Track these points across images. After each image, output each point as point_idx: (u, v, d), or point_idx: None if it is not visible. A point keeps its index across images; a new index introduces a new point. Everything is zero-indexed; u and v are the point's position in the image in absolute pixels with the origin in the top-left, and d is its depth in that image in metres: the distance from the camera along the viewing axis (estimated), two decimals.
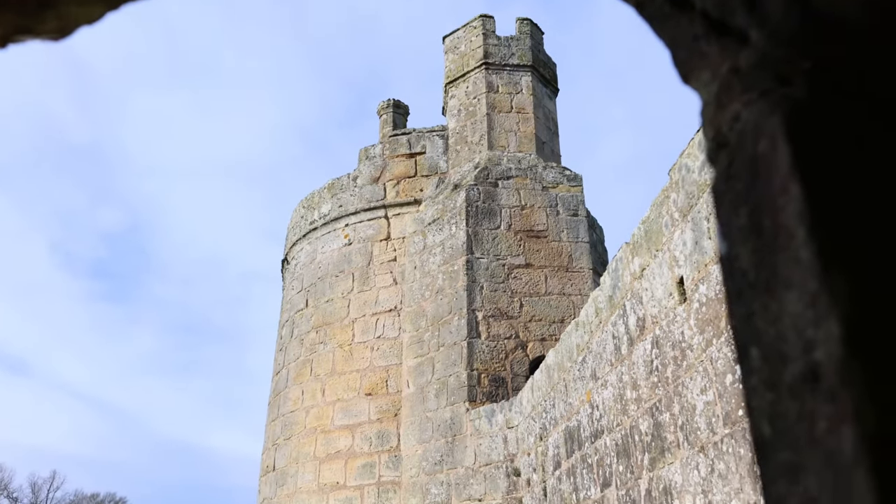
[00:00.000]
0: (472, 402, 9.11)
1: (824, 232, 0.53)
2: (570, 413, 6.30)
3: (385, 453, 9.87)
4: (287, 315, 12.41)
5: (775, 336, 0.59)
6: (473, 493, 8.63)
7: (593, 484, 5.57)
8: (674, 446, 4.08)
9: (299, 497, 10.38)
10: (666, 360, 4.21)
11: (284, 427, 11.18)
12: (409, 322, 10.45)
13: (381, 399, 10.21)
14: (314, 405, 10.75)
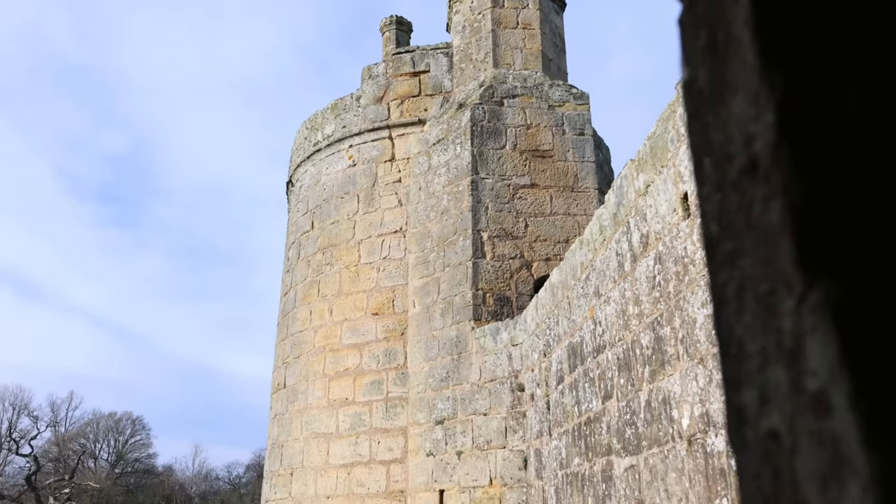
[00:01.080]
0: (477, 321, 9.26)
1: (767, 34, 0.56)
2: (573, 330, 6.41)
3: (392, 370, 10.11)
4: (293, 237, 12.49)
5: (724, 140, 0.62)
6: (479, 408, 8.87)
7: (595, 397, 5.71)
8: (674, 359, 4.16)
9: (310, 413, 10.71)
10: (668, 275, 4.25)
11: (294, 346, 11.42)
12: (414, 243, 10.51)
13: (387, 318, 10.38)
14: (322, 325, 10.95)
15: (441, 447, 9.18)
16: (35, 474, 37.46)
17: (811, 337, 0.50)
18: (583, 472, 6.00)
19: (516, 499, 8.28)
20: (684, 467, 4.03)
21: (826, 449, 0.48)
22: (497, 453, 8.58)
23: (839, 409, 0.47)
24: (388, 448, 9.81)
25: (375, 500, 9.72)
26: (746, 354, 0.59)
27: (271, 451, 11.63)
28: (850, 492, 0.46)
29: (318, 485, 10.28)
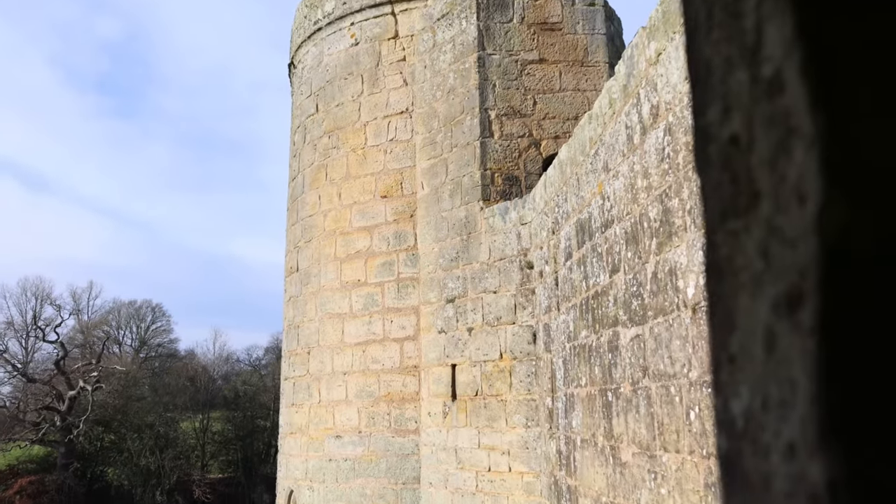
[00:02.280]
0: (485, 200, 9.27)
1: None
2: (581, 206, 6.41)
3: (403, 252, 10.24)
4: (298, 121, 12.33)
5: None
6: (488, 286, 9.04)
7: (602, 271, 5.80)
8: (681, 230, 4.18)
9: (323, 294, 10.96)
10: (678, 146, 4.20)
11: (304, 230, 11.53)
12: (421, 124, 10.37)
13: (396, 201, 10.41)
14: (331, 209, 11.00)
15: (452, 324, 9.43)
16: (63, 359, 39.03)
17: (769, 23, 0.51)
18: (590, 344, 6.18)
19: (525, 371, 8.58)
20: (688, 335, 4.14)
21: (777, 126, 0.49)
22: (507, 329, 8.82)
23: (790, 82, 0.48)
24: (401, 326, 10.09)
25: (390, 375, 10.11)
26: (712, 70, 0.60)
27: (288, 331, 12.00)
28: (795, 157, 0.47)
29: (334, 362, 10.67)
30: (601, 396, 5.86)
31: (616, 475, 5.47)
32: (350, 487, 10.23)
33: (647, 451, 4.80)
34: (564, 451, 7.17)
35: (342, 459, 10.39)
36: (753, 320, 0.48)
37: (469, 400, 9.18)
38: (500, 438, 8.81)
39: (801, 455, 0.40)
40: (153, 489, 35.87)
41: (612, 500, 5.56)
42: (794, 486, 0.40)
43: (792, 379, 0.42)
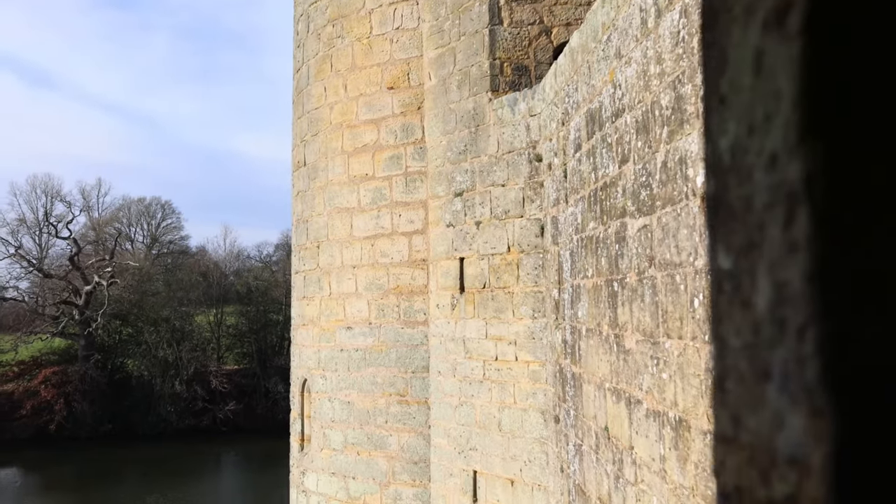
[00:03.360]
0: (494, 91, 9.08)
1: None
2: (592, 95, 6.27)
3: (410, 145, 10.14)
4: (301, 8, 11.93)
5: None
6: (497, 180, 9.00)
7: (612, 162, 5.74)
8: (693, 117, 4.10)
9: (331, 189, 10.95)
10: (693, 29, 4.05)
11: (310, 124, 11.39)
12: (427, 11, 10.02)
13: (403, 93, 10.21)
14: (337, 101, 10.82)
15: (460, 218, 9.46)
16: (77, 255, 39.66)
17: None
18: (597, 235, 6.20)
19: (533, 263, 8.67)
20: (695, 223, 4.13)
21: None
22: (514, 222, 8.84)
23: None
24: (409, 220, 10.13)
25: (399, 268, 10.24)
26: None
27: (297, 226, 12.08)
28: None
29: (343, 256, 10.79)
30: (607, 287, 5.93)
31: (620, 362, 5.61)
32: (361, 376, 10.58)
33: (650, 339, 4.90)
34: (570, 340, 7.34)
35: (353, 350, 10.70)
36: (744, 48, 0.47)
37: (477, 292, 9.33)
38: (507, 329, 9.02)
39: (781, 161, 0.41)
40: (172, 379, 37.23)
41: (615, 385, 5.73)
42: (772, 195, 0.41)
43: (776, 90, 0.42)
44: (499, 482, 9.03)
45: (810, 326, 0.36)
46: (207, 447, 32.31)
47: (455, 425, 9.64)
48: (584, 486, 6.78)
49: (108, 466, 27.14)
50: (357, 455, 10.55)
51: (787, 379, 0.37)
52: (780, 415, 0.37)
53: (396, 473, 10.17)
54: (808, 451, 0.35)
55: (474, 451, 9.36)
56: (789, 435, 0.36)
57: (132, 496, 23.57)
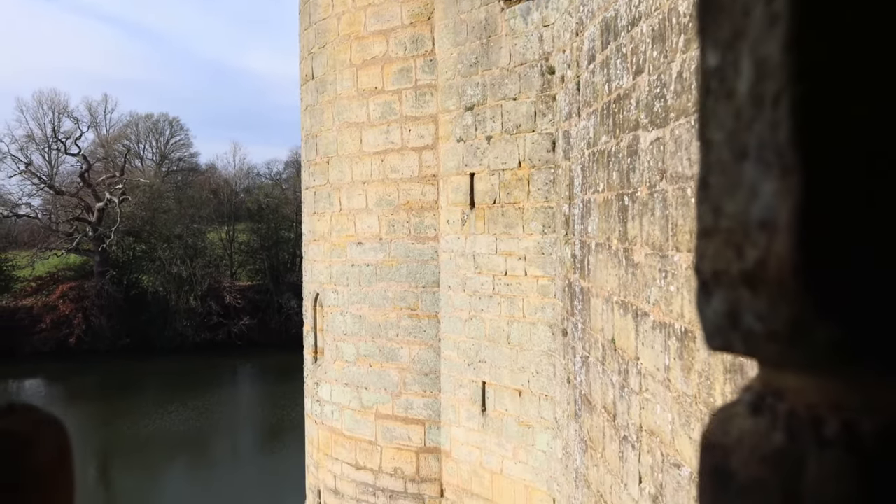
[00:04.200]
0: (506, 0, 8.81)
1: None
2: (608, 3, 6.09)
3: (420, 58, 9.93)
4: None
5: None
6: (508, 93, 8.85)
7: (626, 73, 5.62)
8: None
9: (340, 103, 10.81)
10: None
11: (318, 35, 11.14)
12: None
13: (412, 2, 9.92)
14: (345, 11, 10.54)
15: (471, 132, 9.36)
16: (87, 172, 39.72)
17: None
18: (609, 149, 6.15)
19: (544, 179, 8.63)
20: None
21: None
22: (526, 137, 8.75)
23: None
24: (419, 135, 10.04)
25: (409, 184, 10.22)
26: None
27: (306, 141, 12.01)
28: None
29: (353, 171, 10.76)
30: (618, 201, 5.92)
31: (628, 276, 5.66)
32: (373, 291, 10.74)
33: (659, 252, 4.93)
34: (579, 255, 7.38)
35: (364, 265, 10.82)
36: None
37: (487, 208, 9.34)
38: (516, 244, 9.07)
39: None
40: (186, 295, 37.90)
41: (623, 298, 5.80)
42: None
43: None
44: (507, 393, 9.29)
45: (785, 92, 0.37)
46: (223, 360, 33.21)
47: (465, 338, 9.84)
48: (589, 395, 6.97)
49: (129, 378, 28.02)
50: (369, 367, 10.83)
51: (762, 148, 0.38)
52: (755, 187, 0.38)
53: (407, 384, 10.46)
54: (777, 209, 0.36)
55: (483, 363, 9.58)
56: (761, 202, 0.37)
57: (154, 405, 24.43)
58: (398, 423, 10.55)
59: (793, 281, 0.37)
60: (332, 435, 11.45)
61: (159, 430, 21.55)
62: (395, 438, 10.58)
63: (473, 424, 9.77)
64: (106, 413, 21.60)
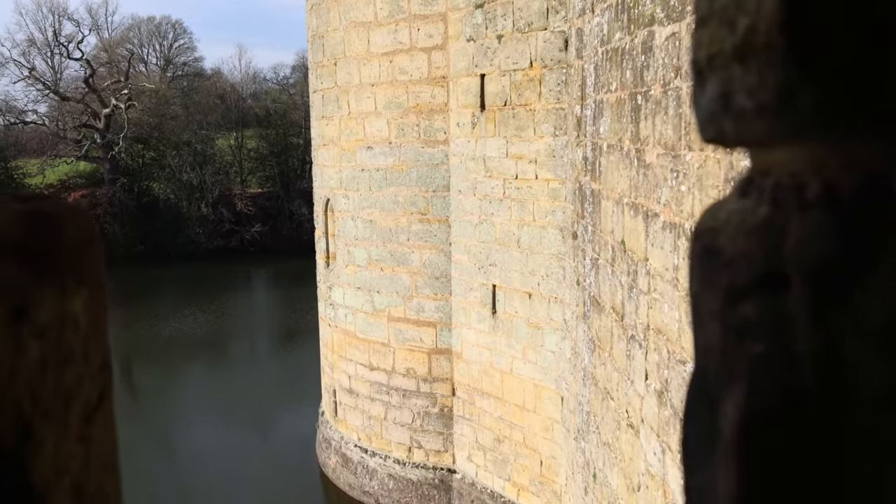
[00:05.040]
0: None
1: None
2: None
3: None
4: None
5: None
6: None
7: None
8: None
9: (346, 1, 10.48)
10: None
11: None
12: None
13: None
14: None
15: (481, 31, 9.10)
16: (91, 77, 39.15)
17: None
18: (623, 46, 5.98)
19: (555, 79, 8.45)
20: None
21: None
22: (538, 35, 8.51)
23: None
24: (428, 35, 9.77)
25: (418, 86, 10.03)
26: None
27: (312, 42, 11.72)
28: None
29: (361, 73, 10.56)
30: (630, 101, 5.81)
31: (639, 176, 5.63)
32: (383, 195, 10.74)
33: (671, 152, 4.88)
34: (590, 157, 7.32)
35: (374, 169, 10.77)
36: None
37: (497, 110, 9.19)
38: (527, 147, 8.98)
39: None
40: (198, 202, 38.05)
41: (634, 199, 5.79)
42: None
43: None
44: (517, 295, 9.43)
45: None
46: (237, 267, 33.69)
47: (475, 242, 9.90)
48: (598, 296, 7.07)
49: (145, 284, 28.58)
50: (381, 271, 10.97)
51: None
52: None
53: (419, 288, 10.63)
54: None
55: (493, 266, 9.68)
56: None
57: (172, 309, 25.02)
58: (410, 326, 10.78)
59: (779, 39, 0.37)
60: (346, 337, 11.75)
61: (178, 332, 22.16)
62: (408, 340, 10.84)
63: (484, 326, 9.98)
64: (126, 317, 22.16)
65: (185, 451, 14.04)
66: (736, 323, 0.39)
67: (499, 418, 9.93)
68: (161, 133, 39.43)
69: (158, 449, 13.37)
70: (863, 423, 0.34)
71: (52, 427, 0.39)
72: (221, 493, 12.01)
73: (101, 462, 0.43)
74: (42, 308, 0.39)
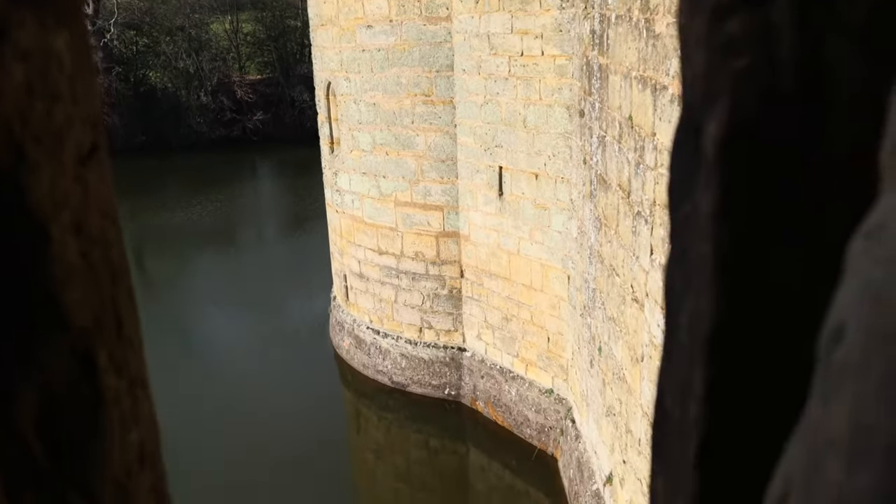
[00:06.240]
0: None
1: None
2: None
3: None
4: None
5: None
6: None
7: None
8: None
9: None
10: None
11: None
12: None
13: None
14: None
15: None
16: None
17: None
18: None
19: None
20: None
21: None
22: None
23: None
24: None
25: None
26: None
27: None
28: None
29: None
30: None
31: (648, 48, 5.46)
32: (385, 77, 10.49)
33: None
34: (598, 30, 7.08)
35: (375, 50, 10.47)
36: None
37: None
38: (533, 22, 8.67)
39: None
40: (196, 91, 37.34)
41: (642, 73, 5.65)
42: None
43: None
44: (523, 176, 9.39)
45: None
46: (241, 156, 33.48)
47: (481, 123, 9.76)
48: (605, 174, 7.04)
49: (149, 175, 28.54)
50: (386, 155, 10.90)
51: None
52: None
53: (425, 171, 10.58)
54: None
55: (499, 147, 9.59)
56: None
57: (178, 199, 25.12)
58: (417, 210, 10.83)
59: None
60: (354, 223, 11.83)
61: (186, 221, 22.36)
62: (415, 224, 10.92)
63: (490, 208, 10.01)
64: (132, 208, 22.28)
65: (200, 336, 14.51)
66: (722, 40, 0.39)
67: (506, 298, 10.15)
68: (153, 18, 38.16)
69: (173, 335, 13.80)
70: (839, 123, 0.35)
71: (46, 157, 0.39)
72: (239, 376, 12.51)
73: (100, 208, 0.44)
74: (23, 30, 0.38)
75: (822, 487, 0.23)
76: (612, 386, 7.05)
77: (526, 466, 9.85)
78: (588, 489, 7.99)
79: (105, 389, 0.40)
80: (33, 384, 0.35)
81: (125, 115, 36.26)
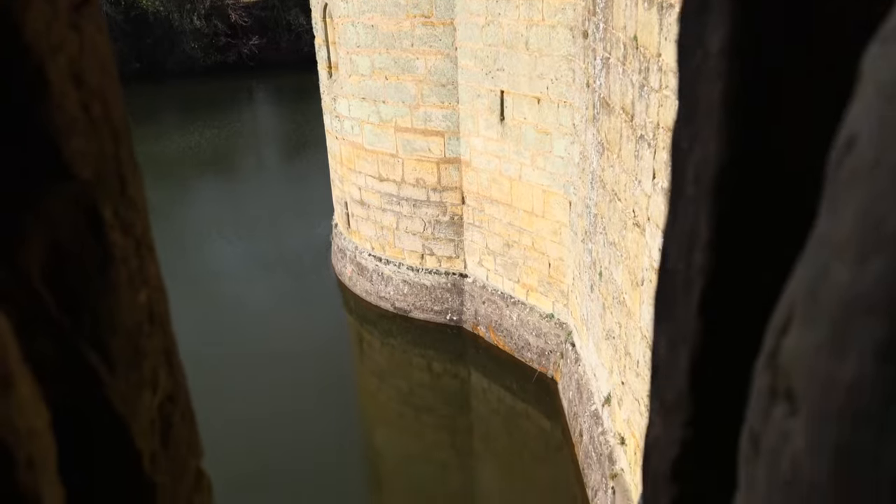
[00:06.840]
0: None
1: None
2: None
3: None
4: None
5: None
6: None
7: None
8: None
9: None
10: None
11: None
12: None
13: None
14: None
15: None
16: None
17: None
18: None
19: None
20: None
21: None
22: None
23: None
24: None
25: None
26: None
27: None
28: None
29: None
30: None
31: None
32: None
33: None
34: None
35: None
36: None
37: None
38: None
39: None
40: (189, 14, 36.41)
41: None
42: None
43: None
44: (525, 101, 9.25)
45: None
46: (237, 82, 32.91)
47: (482, 46, 9.55)
48: (608, 98, 6.93)
49: (146, 102, 28.13)
50: (385, 80, 10.70)
51: None
52: None
53: (425, 96, 10.42)
54: None
55: (501, 71, 9.41)
56: None
57: (176, 126, 24.85)
58: (418, 136, 10.71)
59: None
60: (354, 150, 11.72)
61: (185, 148, 22.19)
62: (416, 150, 10.82)
63: (492, 134, 9.90)
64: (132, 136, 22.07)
65: (201, 264, 14.58)
66: None
67: (508, 224, 10.15)
68: None
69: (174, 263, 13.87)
70: None
71: None
72: (241, 303, 12.64)
73: (99, 61, 0.43)
74: None
75: (828, 292, 0.23)
76: (612, 310, 7.13)
77: (526, 389, 10.07)
78: (587, 409, 8.19)
79: (112, 246, 0.39)
80: (39, 231, 0.35)
81: (118, 41, 35.46)
